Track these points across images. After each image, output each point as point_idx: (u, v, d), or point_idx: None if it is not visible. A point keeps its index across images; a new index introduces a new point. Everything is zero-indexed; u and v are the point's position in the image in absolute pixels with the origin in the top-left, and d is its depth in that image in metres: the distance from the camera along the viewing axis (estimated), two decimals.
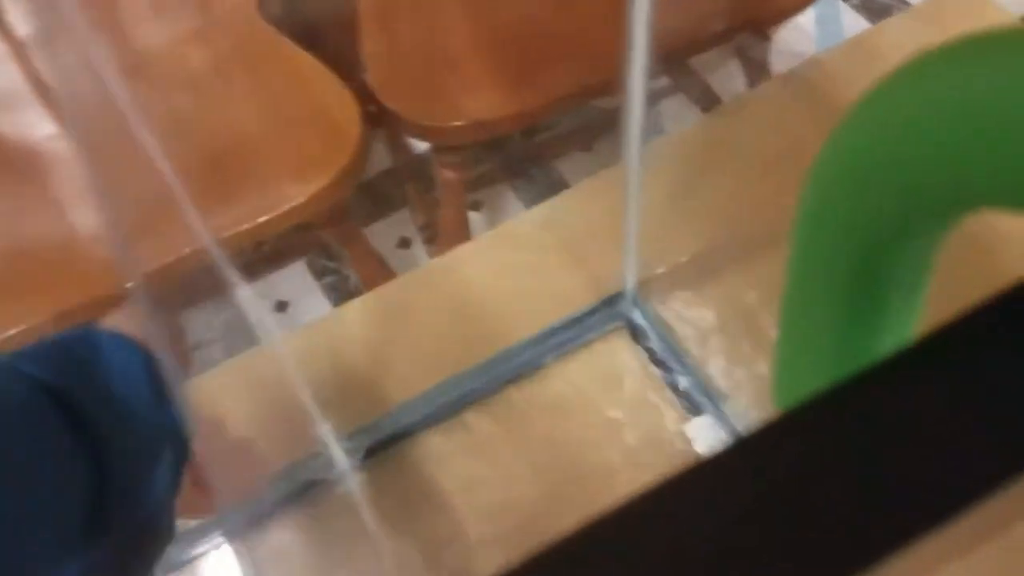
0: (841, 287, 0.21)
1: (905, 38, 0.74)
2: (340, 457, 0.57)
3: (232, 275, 0.43)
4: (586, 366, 0.60)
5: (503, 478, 0.56)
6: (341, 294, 1.12)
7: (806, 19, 1.34)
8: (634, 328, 0.61)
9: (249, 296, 0.45)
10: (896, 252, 0.20)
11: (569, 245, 0.65)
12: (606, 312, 0.61)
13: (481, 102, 0.77)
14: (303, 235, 1.04)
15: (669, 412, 0.58)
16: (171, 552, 0.53)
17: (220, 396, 0.59)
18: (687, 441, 0.57)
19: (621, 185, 0.53)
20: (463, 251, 0.67)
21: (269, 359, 0.57)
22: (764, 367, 0.58)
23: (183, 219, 0.41)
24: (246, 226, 0.68)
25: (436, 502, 0.56)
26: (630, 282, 0.60)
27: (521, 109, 0.76)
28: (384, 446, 0.57)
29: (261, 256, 1.05)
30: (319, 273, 1.13)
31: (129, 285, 0.32)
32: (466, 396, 0.59)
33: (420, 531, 0.55)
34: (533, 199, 1.20)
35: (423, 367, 0.60)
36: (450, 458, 0.57)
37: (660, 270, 0.63)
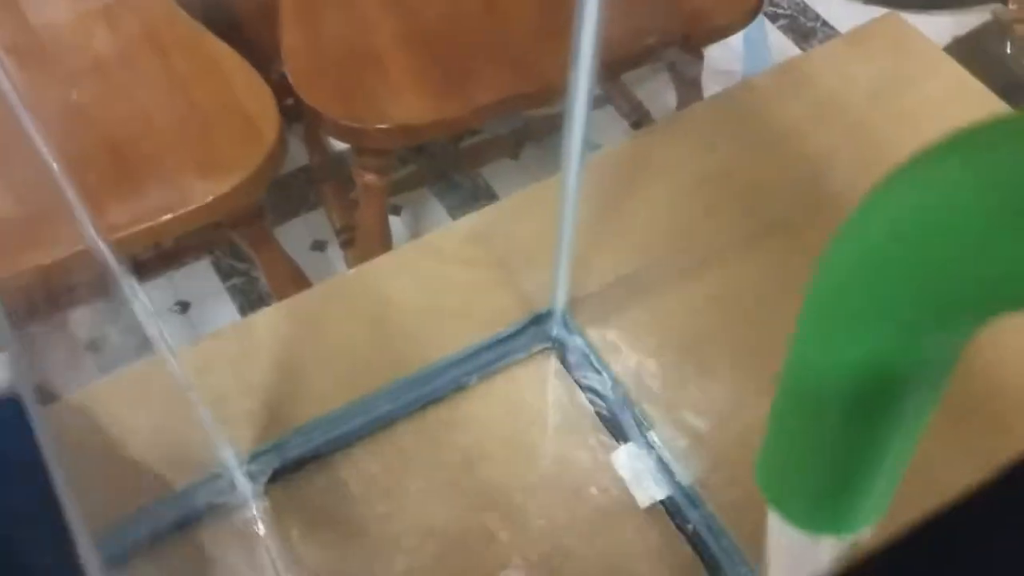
0: (848, 385, 0.19)
1: (833, 64, 0.74)
2: (241, 481, 0.52)
3: (128, 280, 0.39)
4: (510, 388, 0.57)
5: (420, 505, 0.53)
6: (248, 297, 1.06)
7: (734, 37, 1.34)
8: (561, 349, 0.58)
9: (146, 304, 0.40)
10: (917, 351, 0.18)
11: (496, 261, 0.62)
12: (533, 332, 0.59)
13: (407, 106, 0.73)
14: (210, 232, 0.98)
15: (593, 438, 0.56)
16: None
17: (113, 407, 0.55)
18: (611, 469, 0.55)
19: (552, 200, 0.51)
20: (384, 261, 0.63)
21: (168, 369, 0.53)
22: (694, 393, 0.57)
23: (72, 215, 0.37)
24: (145, 225, 0.63)
25: (347, 531, 0.52)
26: (560, 302, 0.58)
27: (448, 116, 0.73)
28: (291, 469, 0.53)
29: (162, 251, 0.98)
30: (226, 274, 1.07)
31: None
32: (382, 417, 0.55)
33: (329, 565, 0.51)
34: (456, 206, 1.16)
35: (337, 385, 0.56)
36: (363, 483, 0.53)
37: (590, 290, 0.60)
